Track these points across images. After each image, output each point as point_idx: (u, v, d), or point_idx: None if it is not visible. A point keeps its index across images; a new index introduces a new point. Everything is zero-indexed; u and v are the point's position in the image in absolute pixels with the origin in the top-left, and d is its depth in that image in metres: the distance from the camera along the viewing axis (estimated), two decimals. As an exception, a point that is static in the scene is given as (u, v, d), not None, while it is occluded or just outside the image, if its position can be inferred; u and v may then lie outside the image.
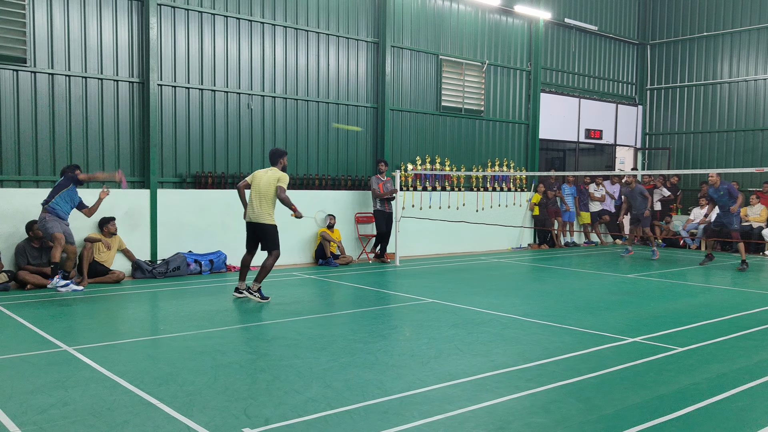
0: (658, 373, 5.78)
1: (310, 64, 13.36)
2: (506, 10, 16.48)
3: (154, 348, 6.57)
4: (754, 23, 17.88)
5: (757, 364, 6.10)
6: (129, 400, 4.93)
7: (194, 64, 11.92)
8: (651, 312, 8.58)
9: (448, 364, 6.01)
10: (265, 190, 8.87)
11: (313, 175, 13.41)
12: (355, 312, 8.43)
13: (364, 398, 5.00)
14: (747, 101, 18.15)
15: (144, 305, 9.11)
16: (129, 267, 11.06)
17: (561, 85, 18.18)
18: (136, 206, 11.22)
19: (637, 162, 20.26)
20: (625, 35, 19.65)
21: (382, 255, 13.64)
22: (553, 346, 6.70)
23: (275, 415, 4.64)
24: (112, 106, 11.16)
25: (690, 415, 4.75)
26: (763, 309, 8.82)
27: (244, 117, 12.53)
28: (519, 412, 4.76)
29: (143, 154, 11.46)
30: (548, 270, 13.06)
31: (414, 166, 14.82)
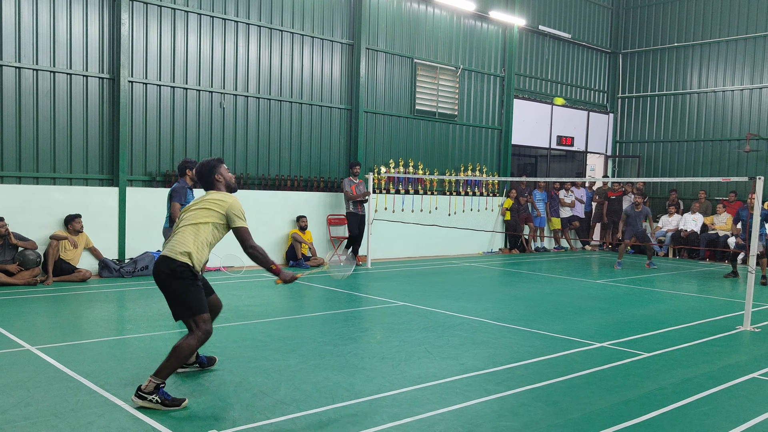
0: (625, 378, 5.85)
1: (284, 65, 13.29)
2: (481, 16, 16.58)
3: (120, 348, 6.47)
4: (723, 36, 18.24)
5: (720, 370, 6.21)
6: (93, 400, 4.84)
7: (166, 61, 11.78)
8: (619, 318, 8.69)
9: (418, 367, 6.01)
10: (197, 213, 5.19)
11: (285, 176, 13.34)
12: (326, 314, 8.39)
13: (334, 401, 4.98)
14: (715, 112, 18.49)
15: (110, 305, 8.96)
16: (96, 266, 10.88)
17: (534, 92, 18.35)
18: (105, 204, 11.05)
19: (608, 169, 20.52)
20: (598, 44, 19.90)
21: (354, 257, 13.60)
22: (522, 350, 6.74)
23: (243, 417, 4.60)
24: (81, 102, 10.99)
25: (655, 419, 4.81)
26: (727, 316, 8.98)
27: (216, 116, 12.42)
28: (488, 416, 4.78)
29: (112, 151, 11.29)
30: (519, 275, 13.15)
31: (387, 169, 14.83)
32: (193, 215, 5.17)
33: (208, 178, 5.35)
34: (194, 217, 5.15)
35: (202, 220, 5.13)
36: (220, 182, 5.37)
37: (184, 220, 5.18)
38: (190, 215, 5.18)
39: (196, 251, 5.05)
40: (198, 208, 5.21)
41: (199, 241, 5.08)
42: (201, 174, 5.37)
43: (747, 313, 8.17)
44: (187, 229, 5.10)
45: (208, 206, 5.17)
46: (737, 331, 7.98)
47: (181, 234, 5.09)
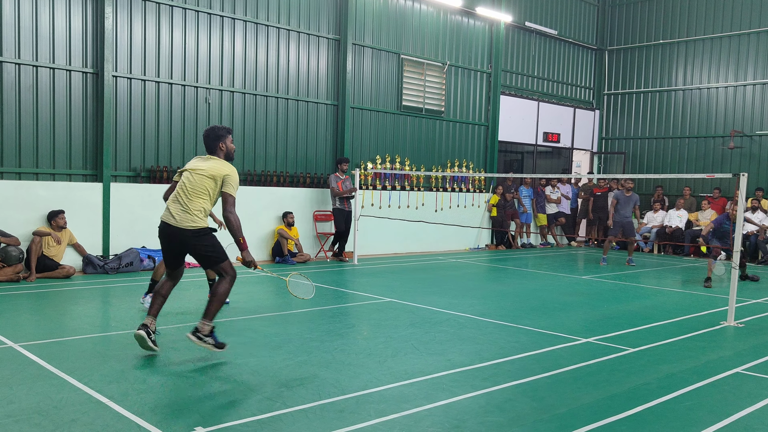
0: (610, 373, 5.88)
1: (270, 60, 13.23)
2: (468, 12, 16.58)
3: (104, 345, 6.41)
4: (708, 33, 18.36)
5: (704, 365, 6.25)
6: (77, 398, 4.79)
7: (151, 56, 11.68)
8: (604, 313, 8.73)
9: (404, 363, 6.00)
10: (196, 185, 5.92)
11: (272, 172, 13.28)
12: (312, 311, 8.37)
13: (320, 397, 4.96)
14: (700, 109, 18.63)
15: (94, 301, 8.88)
16: (80, 262, 10.79)
17: (520, 88, 18.38)
18: (88, 200, 10.95)
19: (593, 166, 20.61)
20: (584, 40, 19.97)
21: (341, 253, 13.59)
22: (508, 345, 6.75)
23: (229, 414, 4.57)
24: (65, 96, 10.87)
25: (640, 414, 4.83)
26: (711, 311, 9.05)
27: (201, 111, 12.34)
28: (474, 411, 4.78)
29: (96, 146, 11.18)
30: (505, 271, 13.19)
31: (374, 165, 14.80)
32: (197, 183, 5.87)
33: (214, 143, 6.05)
34: (197, 185, 5.87)
35: (202, 188, 5.87)
36: (222, 150, 6.07)
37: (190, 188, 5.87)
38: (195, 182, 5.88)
39: (205, 215, 5.92)
40: (200, 175, 5.90)
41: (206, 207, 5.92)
42: (208, 138, 6.06)
43: (731, 309, 8.24)
44: (194, 198, 5.86)
45: (208, 174, 5.87)
46: (721, 327, 8.04)
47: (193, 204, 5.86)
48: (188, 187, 5.90)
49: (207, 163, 5.98)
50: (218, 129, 6.07)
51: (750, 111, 17.70)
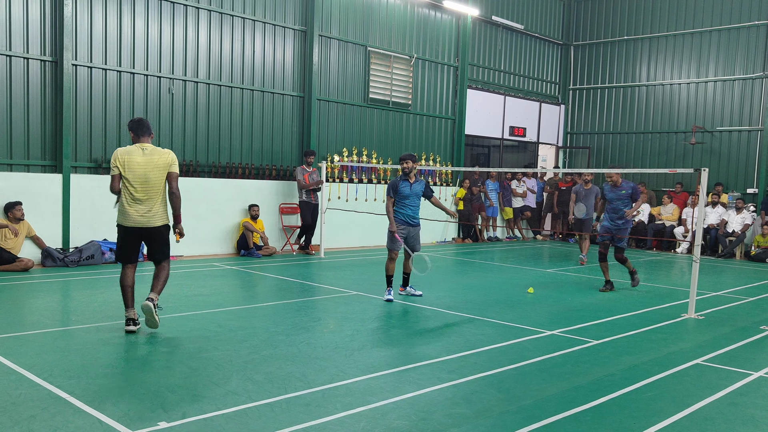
0: (575, 365, 5.94)
1: (235, 50, 13.05)
2: (435, 5, 16.58)
3: (64, 339, 6.27)
4: (671, 29, 18.66)
5: (666, 356, 6.36)
6: (36, 393, 4.68)
7: (112, 44, 11.44)
8: (568, 306, 8.83)
9: (371, 356, 5.99)
10: (155, 182, 6.43)
11: (237, 164, 13.13)
12: (278, 304, 8.30)
13: (286, 391, 4.92)
14: (663, 104, 18.94)
15: (54, 295, 8.69)
16: (39, 255, 10.54)
17: (487, 82, 18.47)
18: (47, 191, 10.70)
19: (559, 160, 20.83)
20: (550, 35, 20.14)
21: (307, 246, 13.52)
22: (474, 338, 6.78)
23: (193, 408, 4.50)
24: (22, 85, 10.58)
25: (604, 405, 4.89)
26: (672, 304, 9.21)
27: (164, 102, 12.13)
28: (441, 403, 4.79)
29: (55, 137, 10.92)
30: (471, 264, 13.26)
31: (340, 157, 14.74)
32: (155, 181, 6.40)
33: (147, 130, 6.56)
34: (156, 182, 6.41)
35: (162, 182, 6.45)
36: (152, 137, 6.66)
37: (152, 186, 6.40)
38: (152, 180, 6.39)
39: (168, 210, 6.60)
40: (154, 168, 6.40)
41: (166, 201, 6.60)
42: (139, 125, 6.53)
43: (691, 302, 8.40)
44: (159, 196, 6.47)
45: (159, 165, 6.42)
46: (682, 319, 8.19)
47: (160, 203, 6.50)
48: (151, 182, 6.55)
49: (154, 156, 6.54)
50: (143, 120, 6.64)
51: (711, 107, 18.05)
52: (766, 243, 15.27)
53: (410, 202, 8.75)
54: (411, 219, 8.77)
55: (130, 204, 6.39)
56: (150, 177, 6.38)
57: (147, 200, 6.41)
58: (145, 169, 6.37)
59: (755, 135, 17.30)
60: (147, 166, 6.37)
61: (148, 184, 6.38)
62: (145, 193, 6.39)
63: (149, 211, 6.43)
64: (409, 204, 8.75)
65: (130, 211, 6.40)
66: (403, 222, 8.75)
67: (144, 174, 6.36)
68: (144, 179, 6.36)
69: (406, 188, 8.72)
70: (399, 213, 8.76)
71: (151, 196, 6.41)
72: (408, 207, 8.75)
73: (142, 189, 6.37)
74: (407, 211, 8.76)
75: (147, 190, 6.39)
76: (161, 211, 6.53)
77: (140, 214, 6.40)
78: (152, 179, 6.39)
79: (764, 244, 15.28)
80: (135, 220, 6.40)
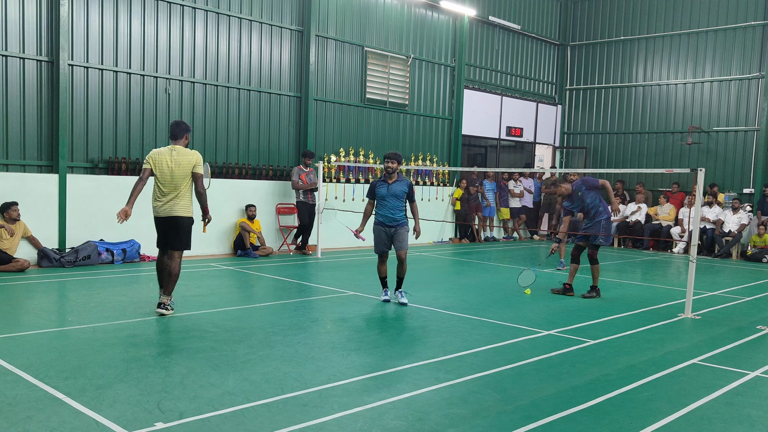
0: (572, 365, 5.94)
1: (232, 50, 13.04)
2: (432, 5, 16.58)
3: (60, 340, 6.25)
4: (668, 30, 18.69)
5: (662, 356, 6.36)
6: (33, 394, 4.66)
7: (108, 44, 11.42)
8: (565, 306, 8.83)
9: (368, 356, 5.98)
10: (180, 179, 7.26)
11: (233, 164, 13.12)
12: (275, 304, 8.29)
13: (283, 391, 4.91)
14: (659, 104, 18.96)
15: (51, 295, 8.67)
16: (35, 255, 10.51)
17: (484, 82, 18.47)
18: (44, 192, 10.67)
19: (556, 160, 20.84)
20: (547, 36, 20.15)
21: (304, 247, 13.51)
22: (471, 338, 6.78)
23: (190, 408, 4.49)
24: (18, 85, 10.56)
25: (601, 405, 4.90)
26: (669, 304, 9.22)
27: (161, 102, 12.11)
28: (438, 404, 4.78)
29: (52, 137, 10.90)
30: (468, 264, 13.26)
31: (337, 157, 14.73)
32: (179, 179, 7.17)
33: (182, 134, 7.36)
34: (180, 180, 7.18)
35: (185, 180, 7.21)
36: (186, 141, 7.40)
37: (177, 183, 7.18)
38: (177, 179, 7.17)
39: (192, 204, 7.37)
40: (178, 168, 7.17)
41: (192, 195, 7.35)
42: (177, 128, 7.36)
43: (688, 302, 8.41)
44: (183, 192, 7.23)
45: (183, 165, 7.18)
46: (679, 319, 8.20)
47: (183, 198, 7.24)
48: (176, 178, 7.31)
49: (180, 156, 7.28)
50: (186, 123, 7.48)
51: (707, 107, 18.07)
52: (762, 243, 15.30)
53: (387, 202, 8.45)
54: (389, 220, 8.43)
55: (158, 198, 7.29)
56: (175, 176, 7.19)
57: (172, 195, 7.23)
58: (171, 169, 7.18)
59: (751, 135, 17.33)
60: (173, 166, 7.18)
61: (173, 182, 7.20)
62: (171, 189, 7.22)
63: (172, 203, 7.23)
64: (387, 204, 8.45)
65: (157, 204, 7.31)
66: (381, 223, 8.49)
67: (170, 173, 7.18)
68: (170, 177, 7.19)
69: (383, 189, 8.48)
70: (378, 214, 8.56)
71: (176, 192, 7.23)
72: (385, 208, 8.47)
73: (167, 186, 7.22)
74: (384, 212, 8.48)
75: (172, 187, 7.21)
76: (183, 203, 7.27)
77: (164, 206, 7.26)
78: (176, 178, 7.19)
79: (760, 244, 15.32)
80: (160, 211, 7.29)
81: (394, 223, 8.45)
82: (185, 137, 7.39)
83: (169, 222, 7.30)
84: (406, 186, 8.50)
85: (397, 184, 8.48)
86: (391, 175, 8.50)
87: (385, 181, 8.54)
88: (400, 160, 8.54)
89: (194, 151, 7.35)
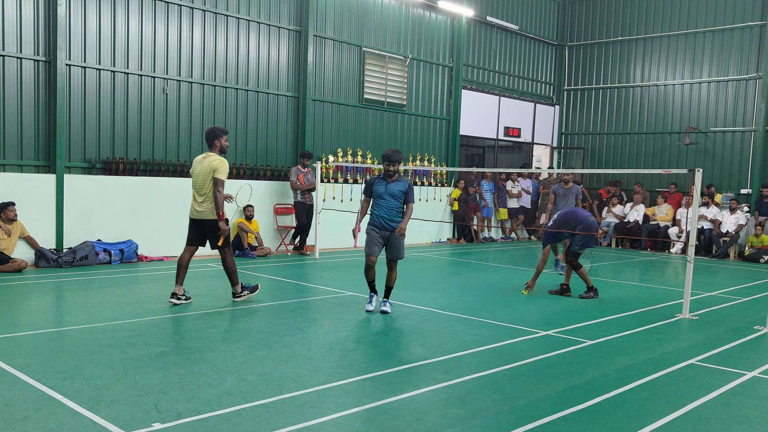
0: (569, 365, 5.94)
1: (230, 50, 13.03)
2: (430, 5, 16.59)
3: (58, 340, 6.24)
4: (665, 30, 18.71)
5: (660, 356, 6.37)
6: (30, 395, 4.66)
7: (106, 44, 11.40)
8: (563, 306, 8.83)
9: (366, 356, 5.98)
10: (201, 183, 7.78)
11: (231, 164, 13.10)
12: (273, 305, 8.29)
13: (281, 392, 4.91)
14: (657, 105, 18.98)
15: (48, 295, 8.66)
16: (32, 255, 10.49)
17: (482, 83, 18.48)
18: (41, 192, 10.65)
19: (553, 160, 20.86)
20: (545, 36, 20.16)
21: (302, 247, 13.50)
22: (469, 338, 6.78)
23: (187, 409, 4.49)
24: (15, 85, 10.54)
25: (598, 405, 4.90)
26: (667, 304, 9.23)
27: (158, 102, 12.09)
28: (436, 404, 4.78)
29: (49, 137, 10.88)
30: (466, 264, 13.26)
31: (335, 158, 14.73)
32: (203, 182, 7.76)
33: (212, 141, 7.94)
34: (204, 184, 7.74)
35: (209, 184, 7.73)
36: (216, 147, 7.93)
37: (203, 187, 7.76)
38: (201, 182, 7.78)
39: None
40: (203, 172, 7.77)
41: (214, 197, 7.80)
42: (207, 136, 7.97)
43: (686, 302, 8.42)
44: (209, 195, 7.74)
45: (206, 170, 7.74)
46: (676, 319, 8.21)
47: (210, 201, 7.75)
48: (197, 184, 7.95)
49: (204, 162, 7.88)
50: (217, 129, 7.96)
51: (705, 108, 18.09)
52: (759, 243, 15.32)
53: (384, 202, 7.87)
54: (386, 222, 7.87)
55: (193, 199, 7.94)
56: (201, 180, 7.80)
57: (200, 199, 7.84)
58: (198, 174, 7.83)
59: (749, 136, 17.36)
60: (200, 171, 7.82)
61: (201, 187, 7.81)
62: (199, 192, 7.84)
63: (201, 206, 7.85)
64: (383, 204, 7.88)
65: (192, 205, 7.97)
66: (376, 225, 7.93)
67: (198, 177, 7.83)
68: (198, 181, 7.83)
69: (381, 187, 7.92)
70: (374, 214, 7.99)
71: (203, 196, 7.81)
72: (381, 208, 7.89)
73: (198, 189, 7.85)
74: (380, 212, 7.90)
75: (201, 191, 7.82)
76: (209, 206, 7.80)
77: (195, 208, 7.89)
78: (201, 181, 7.80)
79: (758, 244, 15.34)
80: (192, 212, 7.95)
81: (389, 227, 7.89)
82: (216, 143, 7.92)
83: (201, 224, 7.94)
84: (405, 186, 7.94)
85: (396, 183, 7.94)
86: (392, 177, 8.01)
87: (384, 178, 8.00)
88: (401, 160, 7.99)
89: (220, 158, 7.83)
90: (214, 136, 7.92)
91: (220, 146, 7.94)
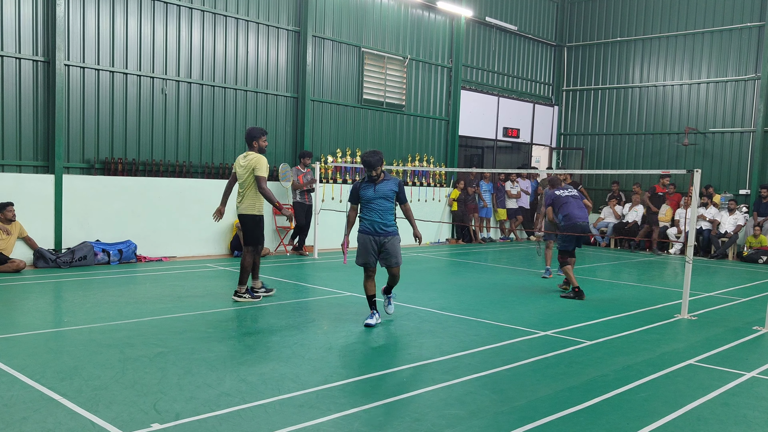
0: (568, 365, 5.95)
1: (229, 51, 13.02)
2: (429, 6, 16.59)
3: (56, 341, 6.24)
4: (664, 31, 18.72)
5: (659, 357, 6.37)
6: (29, 395, 4.65)
7: (105, 44, 11.39)
8: (562, 307, 8.84)
9: (365, 357, 5.98)
10: (243, 181, 8.28)
11: (230, 165, 13.10)
12: (272, 305, 8.28)
13: (280, 392, 4.91)
14: (656, 105, 18.99)
15: (46, 296, 8.65)
16: (31, 256, 10.48)
17: (481, 83, 18.48)
18: (40, 192, 10.64)
19: (552, 161, 20.86)
20: (544, 36, 20.17)
21: (301, 247, 13.50)
22: (468, 339, 6.78)
23: (186, 409, 4.49)
24: (14, 85, 10.53)
25: (597, 405, 4.90)
26: (666, 305, 9.23)
27: (157, 102, 12.09)
28: (435, 404, 4.78)
29: (48, 137, 10.87)
30: (465, 265, 13.26)
31: (334, 158, 14.72)
32: (244, 180, 8.21)
33: (250, 141, 8.36)
34: (245, 181, 8.19)
35: (250, 180, 8.16)
36: (255, 147, 8.35)
37: (244, 184, 8.22)
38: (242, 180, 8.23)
39: (259, 203, 8.28)
40: (243, 171, 8.21)
41: (257, 195, 8.21)
42: (246, 136, 8.42)
43: (684, 302, 8.42)
44: (249, 192, 8.21)
45: (247, 168, 8.17)
46: (675, 320, 8.21)
47: (249, 197, 8.22)
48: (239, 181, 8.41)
49: (245, 160, 8.29)
50: (256, 129, 8.42)
51: (704, 108, 18.10)
52: (758, 244, 15.33)
53: (376, 205, 7.19)
54: (380, 226, 7.22)
55: (237, 194, 8.40)
56: (242, 177, 8.23)
57: (241, 196, 8.29)
58: (240, 172, 8.26)
59: (747, 136, 17.37)
60: (239, 170, 8.28)
61: (242, 183, 8.25)
62: (241, 189, 8.29)
63: (242, 202, 8.30)
64: (376, 208, 7.19)
65: (237, 201, 8.41)
66: (369, 231, 7.24)
67: (240, 175, 8.25)
68: (241, 179, 8.25)
69: (369, 190, 7.20)
70: (365, 221, 7.27)
71: (244, 194, 8.25)
72: (374, 212, 7.19)
73: (241, 186, 8.29)
74: (373, 217, 7.20)
75: (242, 188, 8.27)
76: (248, 203, 8.24)
77: (238, 205, 8.37)
78: (243, 179, 8.23)
79: (756, 244, 15.35)
80: (237, 209, 8.41)
81: (384, 232, 7.25)
82: (254, 144, 8.31)
83: (240, 219, 8.43)
84: (395, 185, 7.29)
85: (385, 183, 7.25)
86: (377, 181, 7.28)
87: (370, 182, 7.26)
88: (382, 160, 7.21)
89: (258, 156, 8.20)
90: (252, 137, 8.34)
91: (258, 146, 8.34)
